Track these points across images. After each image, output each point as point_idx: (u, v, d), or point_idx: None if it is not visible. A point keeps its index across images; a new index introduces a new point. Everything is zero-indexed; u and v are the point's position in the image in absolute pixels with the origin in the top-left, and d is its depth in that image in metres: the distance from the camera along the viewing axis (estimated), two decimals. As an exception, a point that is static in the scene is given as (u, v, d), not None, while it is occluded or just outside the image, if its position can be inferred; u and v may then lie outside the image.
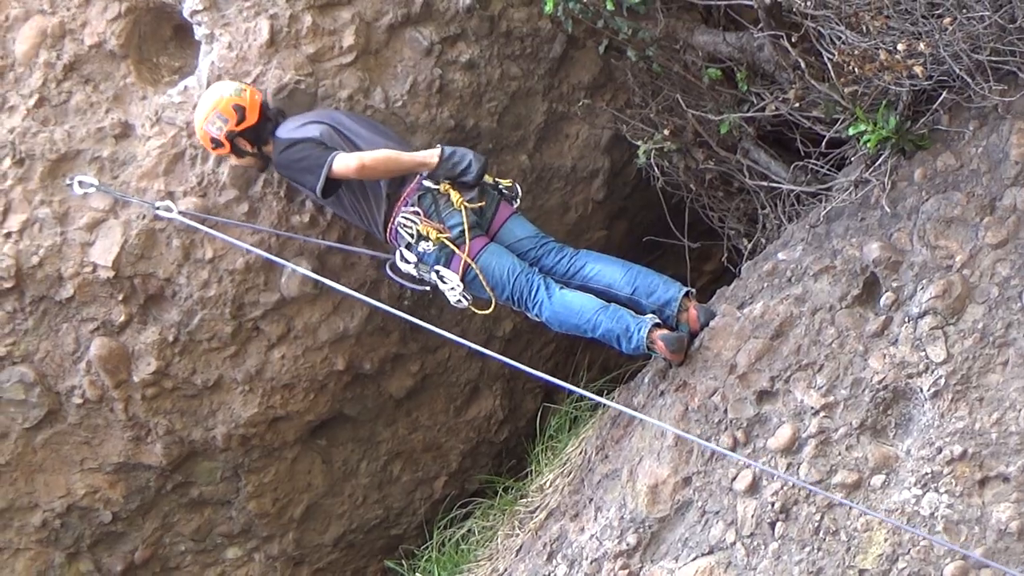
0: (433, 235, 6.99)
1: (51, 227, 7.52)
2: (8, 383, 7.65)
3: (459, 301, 7.04)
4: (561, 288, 6.87)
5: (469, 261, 6.93)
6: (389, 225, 7.10)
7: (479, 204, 7.04)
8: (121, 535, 8.32)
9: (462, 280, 6.98)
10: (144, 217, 7.48)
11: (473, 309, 7.12)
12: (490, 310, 7.02)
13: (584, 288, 6.89)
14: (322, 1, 7.56)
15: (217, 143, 7.18)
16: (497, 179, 7.28)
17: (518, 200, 7.29)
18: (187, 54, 7.85)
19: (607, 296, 6.83)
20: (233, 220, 7.52)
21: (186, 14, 7.63)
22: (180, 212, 7.36)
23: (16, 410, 7.72)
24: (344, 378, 8.20)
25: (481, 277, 6.94)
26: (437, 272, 7.01)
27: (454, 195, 6.97)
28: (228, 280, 7.60)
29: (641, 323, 6.56)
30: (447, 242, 6.98)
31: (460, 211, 6.97)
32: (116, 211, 7.53)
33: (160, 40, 7.89)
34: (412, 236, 7.01)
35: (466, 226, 6.93)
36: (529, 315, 7.00)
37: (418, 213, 7.03)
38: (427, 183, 7.02)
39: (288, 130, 7.16)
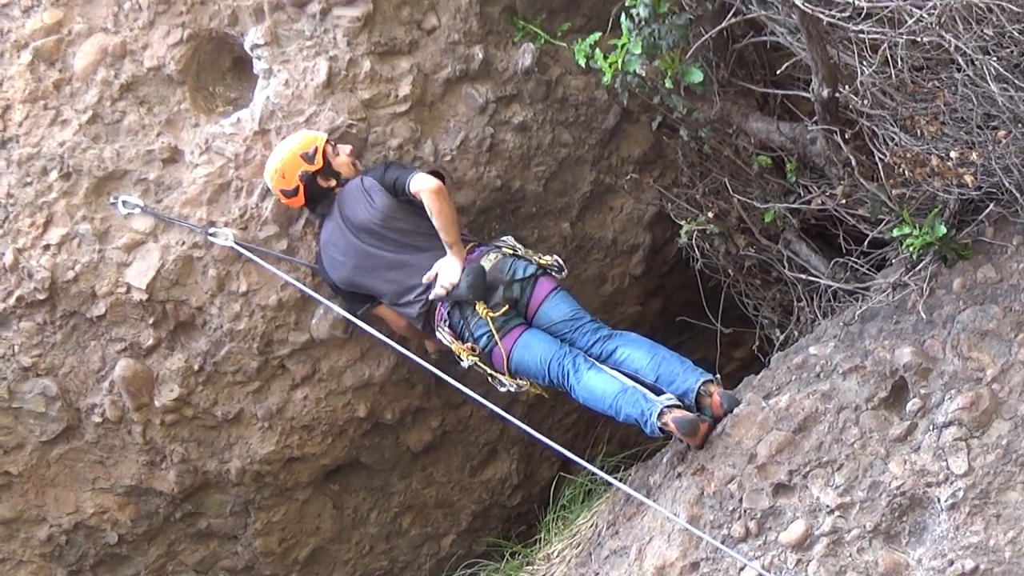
0: (466, 356, 7.23)
1: (90, 244, 7.61)
2: (30, 394, 7.74)
3: (509, 391, 7.31)
4: (589, 369, 6.97)
5: (505, 367, 7.18)
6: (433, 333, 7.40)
7: (503, 311, 7.14)
8: (125, 558, 8.37)
9: (507, 372, 7.20)
10: (183, 243, 7.58)
11: (531, 390, 7.36)
12: (544, 391, 7.31)
13: (616, 369, 6.97)
14: (383, 48, 7.66)
15: (293, 191, 7.43)
16: (538, 255, 7.39)
17: (562, 273, 7.39)
18: (244, 86, 7.96)
19: (636, 378, 6.91)
20: (276, 253, 7.65)
21: (247, 47, 7.74)
22: (236, 241, 7.53)
23: (35, 422, 7.80)
24: (364, 425, 8.26)
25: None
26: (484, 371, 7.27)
27: (479, 305, 7.13)
28: (260, 315, 7.69)
29: (652, 407, 6.60)
30: (479, 362, 7.23)
31: (486, 320, 7.13)
32: (156, 234, 7.63)
33: (219, 70, 7.99)
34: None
35: (494, 331, 7.13)
36: (570, 395, 7.14)
37: (450, 330, 7.26)
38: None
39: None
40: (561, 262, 7.41)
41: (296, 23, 7.66)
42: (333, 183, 7.48)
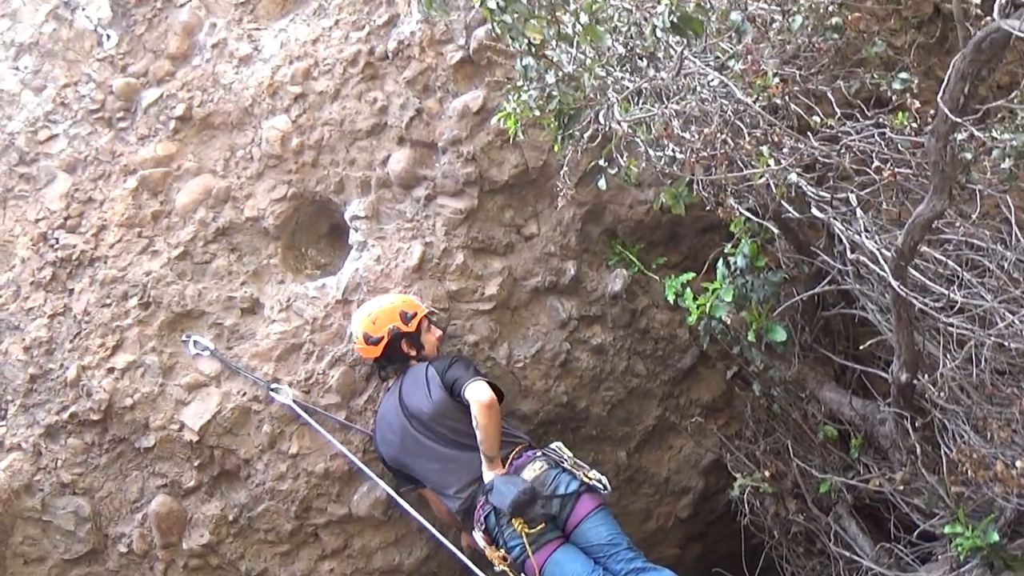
0: (497, 564, 7.32)
1: (154, 375, 7.84)
2: (63, 511, 7.87)
3: None
4: None
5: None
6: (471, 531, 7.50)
7: (539, 528, 7.17)
8: None
9: None
10: (244, 394, 7.80)
11: None
12: None
13: None
14: (479, 245, 7.95)
15: (375, 340, 7.62)
16: (583, 470, 7.38)
17: (606, 491, 7.34)
18: (336, 254, 8.27)
19: None
20: (337, 418, 7.83)
21: (347, 216, 8.07)
22: (294, 400, 7.73)
23: (61, 539, 7.89)
24: None
25: None
26: None
27: (515, 521, 7.19)
28: (304, 480, 7.85)
29: None
30: (509, 572, 7.28)
31: (521, 534, 7.19)
32: (220, 380, 7.86)
33: (314, 233, 8.32)
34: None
35: (527, 546, 7.18)
36: None
37: (485, 534, 7.34)
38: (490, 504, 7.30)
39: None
40: (607, 481, 7.40)
41: (399, 203, 7.99)
42: (413, 353, 7.71)
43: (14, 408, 7.92)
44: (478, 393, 7.21)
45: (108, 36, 8.43)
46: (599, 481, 7.33)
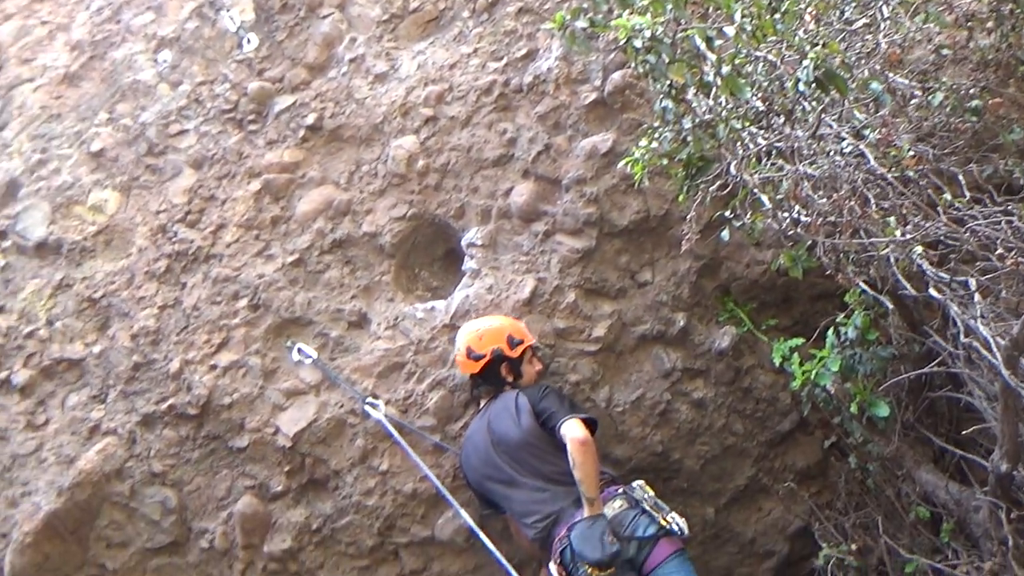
0: None
1: (255, 377, 8.14)
2: (150, 500, 8.17)
3: None
4: None
5: None
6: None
7: (610, 572, 7.14)
8: None
9: None
10: (341, 406, 8.04)
11: None
12: None
13: None
14: (591, 286, 8.13)
15: (478, 356, 7.75)
16: (663, 513, 7.35)
17: (683, 535, 7.33)
18: (448, 279, 8.49)
19: None
20: (433, 439, 8.00)
21: (464, 243, 8.30)
22: (386, 415, 7.92)
23: (145, 527, 8.18)
24: None
25: None
26: None
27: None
28: (391, 498, 8.04)
29: None
30: None
31: None
32: (319, 390, 8.12)
33: (429, 256, 8.57)
34: None
35: None
36: None
37: (560, 567, 7.37)
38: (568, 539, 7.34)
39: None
40: (685, 525, 7.38)
41: (517, 236, 8.22)
42: (510, 379, 7.83)
43: (114, 394, 8.26)
44: (574, 431, 7.30)
45: (249, 39, 8.79)
46: (678, 525, 7.36)
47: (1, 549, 8.19)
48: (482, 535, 7.70)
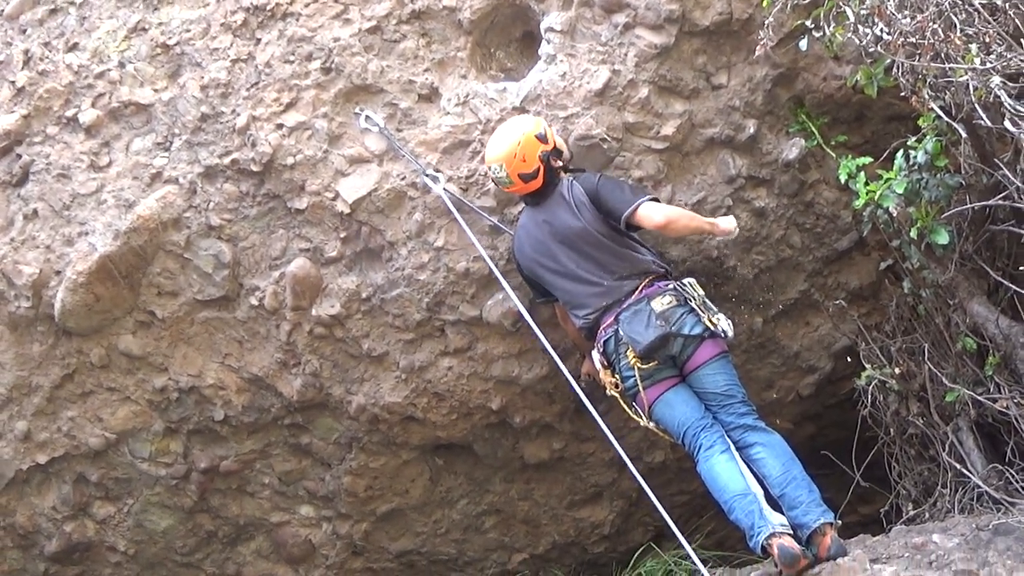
0: (609, 388, 7.69)
1: (320, 140, 8.21)
2: (205, 252, 8.38)
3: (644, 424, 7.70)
4: (723, 453, 7.33)
5: (645, 414, 7.62)
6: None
7: (652, 364, 7.45)
8: (221, 439, 8.96)
9: (646, 417, 7.63)
10: (403, 178, 8.14)
11: (665, 438, 7.77)
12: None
13: (747, 463, 7.34)
14: (665, 83, 8.12)
15: (533, 174, 7.70)
16: (710, 313, 7.54)
17: (728, 337, 7.54)
18: (523, 61, 8.49)
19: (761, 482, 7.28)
20: (492, 219, 8.13)
21: (543, 27, 8.25)
22: (445, 188, 8.02)
23: (197, 278, 8.42)
24: (491, 418, 8.71)
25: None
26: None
27: (630, 353, 7.49)
28: (443, 275, 8.20)
29: (764, 527, 6.99)
30: (620, 398, 7.65)
31: (634, 369, 7.51)
32: (383, 159, 8.20)
33: (506, 36, 8.53)
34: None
35: (638, 381, 7.51)
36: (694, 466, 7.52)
37: (603, 357, 7.67)
38: (613, 329, 7.59)
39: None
40: (731, 330, 7.58)
41: (597, 25, 8.17)
42: (560, 164, 7.84)
43: (179, 143, 8.39)
44: (653, 217, 7.51)
45: None
46: (723, 327, 7.54)
47: (54, 286, 8.44)
48: (530, 319, 7.84)
